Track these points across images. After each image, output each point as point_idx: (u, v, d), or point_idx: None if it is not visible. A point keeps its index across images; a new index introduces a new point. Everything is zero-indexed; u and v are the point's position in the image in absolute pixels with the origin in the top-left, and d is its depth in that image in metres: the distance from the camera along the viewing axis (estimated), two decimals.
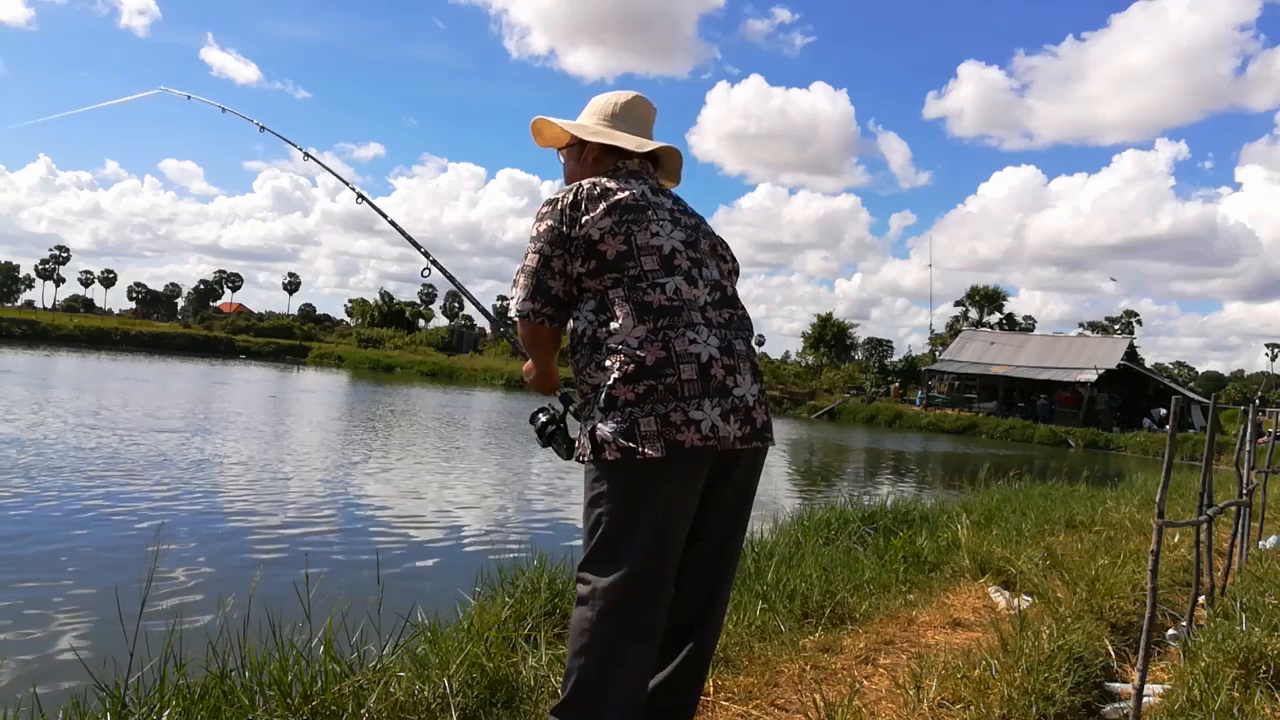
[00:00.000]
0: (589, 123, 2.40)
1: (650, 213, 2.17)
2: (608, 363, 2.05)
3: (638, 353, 2.03)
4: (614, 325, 2.06)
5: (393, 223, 3.32)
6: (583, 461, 2.10)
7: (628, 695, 2.00)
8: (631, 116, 2.40)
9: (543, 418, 2.35)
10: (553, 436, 2.34)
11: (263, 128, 3.74)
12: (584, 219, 2.11)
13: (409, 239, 3.19)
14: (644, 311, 2.06)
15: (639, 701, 2.04)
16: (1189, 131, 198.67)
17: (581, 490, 2.17)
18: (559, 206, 2.16)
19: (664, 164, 2.45)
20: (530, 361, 2.36)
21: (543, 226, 2.16)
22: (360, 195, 3.33)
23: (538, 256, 2.15)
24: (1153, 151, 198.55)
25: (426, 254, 3.10)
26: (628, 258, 2.11)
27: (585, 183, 2.19)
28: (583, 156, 2.37)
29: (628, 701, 2.00)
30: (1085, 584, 4.40)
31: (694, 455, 2.01)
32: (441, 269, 3.10)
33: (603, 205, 2.13)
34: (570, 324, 2.18)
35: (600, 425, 2.03)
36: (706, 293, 2.17)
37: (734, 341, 2.15)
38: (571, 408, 2.37)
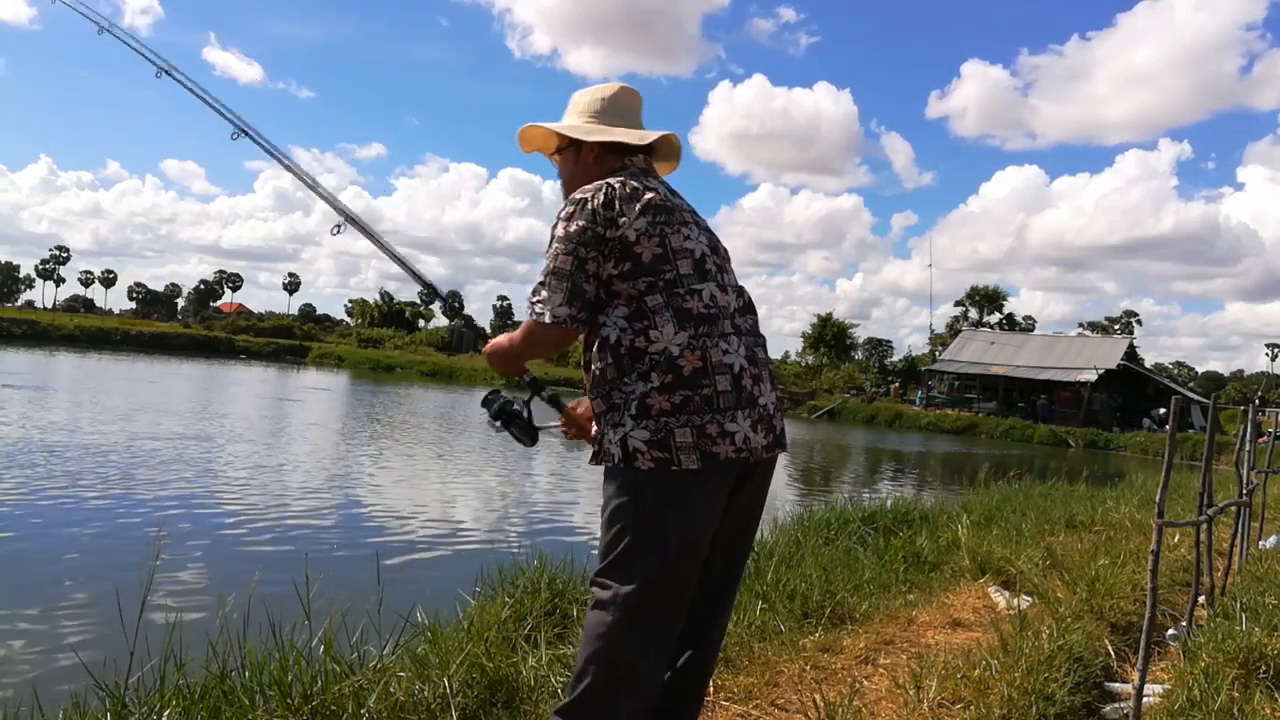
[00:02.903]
0: (578, 122, 2.30)
1: (677, 214, 2.13)
2: (650, 372, 2.00)
3: (678, 362, 1.99)
4: (653, 334, 2.01)
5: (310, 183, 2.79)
6: (607, 466, 2.05)
7: (638, 702, 1.99)
8: (620, 109, 2.31)
9: (498, 404, 2.32)
10: (512, 419, 2.30)
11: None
12: (621, 220, 2.04)
13: (316, 188, 2.81)
14: (684, 319, 2.02)
15: (649, 707, 2.04)
16: (1193, 131, 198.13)
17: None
18: (589, 206, 2.06)
19: (659, 151, 2.35)
20: (506, 345, 2.21)
21: (573, 227, 2.05)
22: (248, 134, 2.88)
23: (571, 259, 2.03)
24: (1155, 151, 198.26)
25: (343, 210, 2.76)
26: (663, 261, 2.05)
27: (614, 181, 2.11)
28: (580, 158, 2.28)
29: (638, 707, 1.99)
30: (1085, 584, 4.40)
31: (726, 467, 2.01)
32: (362, 226, 2.75)
33: (638, 206, 2.06)
34: (600, 332, 2.06)
35: (632, 433, 1.99)
36: (735, 299, 2.15)
37: (756, 349, 2.14)
38: (546, 393, 2.34)
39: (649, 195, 2.09)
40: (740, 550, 2.26)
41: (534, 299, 2.09)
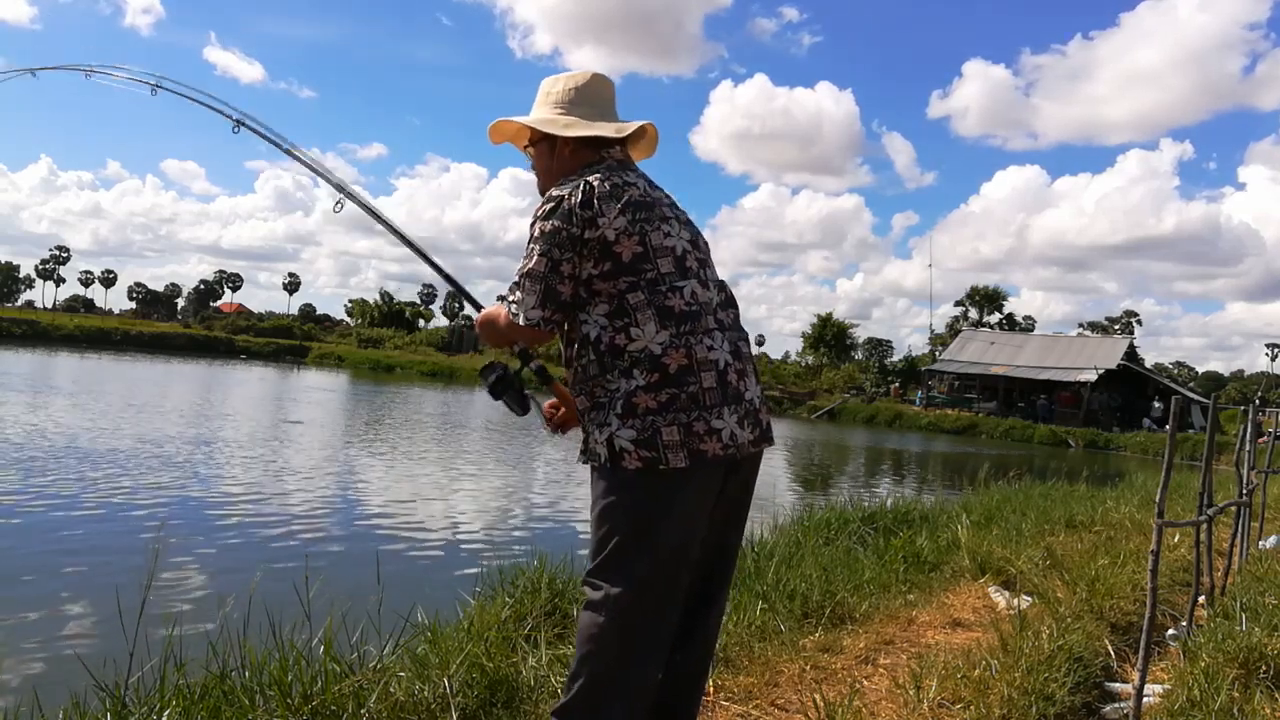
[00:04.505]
0: (548, 113, 2.23)
1: (657, 210, 2.11)
2: (632, 370, 1.99)
3: (661, 360, 1.98)
4: (634, 331, 2.00)
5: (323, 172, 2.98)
6: (594, 466, 2.05)
7: (634, 701, 1.99)
8: (593, 99, 2.24)
9: (494, 375, 2.35)
10: (507, 388, 2.33)
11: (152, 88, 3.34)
12: (600, 220, 2.00)
13: (318, 171, 2.94)
14: (666, 317, 2.01)
15: (645, 706, 2.04)
16: (1194, 131, 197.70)
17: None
18: (566, 206, 2.02)
19: (633, 138, 2.29)
20: (495, 325, 2.20)
21: (549, 227, 2.02)
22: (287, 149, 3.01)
23: (546, 260, 2.01)
24: (1157, 151, 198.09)
25: (340, 186, 2.83)
26: (644, 260, 2.03)
27: (593, 179, 2.07)
28: (556, 152, 2.22)
29: (633, 707, 2.00)
30: (1085, 584, 4.40)
31: (714, 464, 2.01)
32: (361, 201, 2.82)
33: (617, 205, 2.03)
34: (581, 329, 2.06)
35: (619, 432, 1.98)
36: (716, 294, 2.15)
37: (739, 344, 2.14)
38: (532, 365, 2.38)
39: (629, 192, 2.07)
40: (730, 547, 2.26)
41: (510, 297, 2.09)
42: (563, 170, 2.18)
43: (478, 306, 2.48)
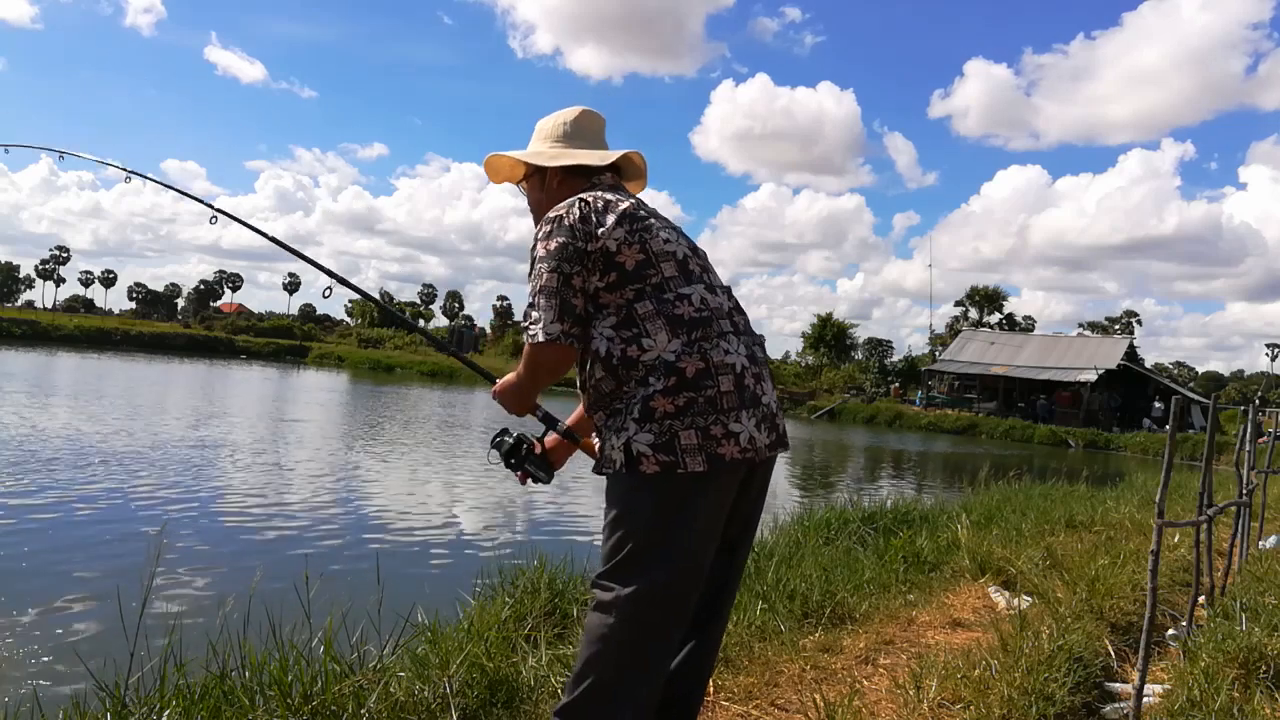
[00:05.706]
0: (542, 148, 2.33)
1: (652, 220, 2.14)
2: (648, 378, 1.99)
3: (676, 365, 1.98)
4: (646, 342, 2.00)
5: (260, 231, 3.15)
6: (607, 473, 2.04)
7: (638, 703, 1.99)
8: (583, 132, 2.34)
9: (509, 440, 2.29)
10: (527, 458, 2.28)
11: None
12: (599, 231, 2.04)
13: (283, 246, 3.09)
14: (676, 325, 2.02)
15: (650, 708, 2.04)
16: (1196, 131, 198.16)
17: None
18: (567, 222, 2.06)
19: (625, 171, 2.37)
20: (514, 380, 2.18)
21: (553, 244, 2.04)
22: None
23: (557, 275, 2.02)
24: (1159, 151, 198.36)
25: (330, 272, 2.88)
26: (647, 266, 2.05)
27: (586, 196, 2.12)
28: (545, 184, 2.30)
29: (638, 709, 1.99)
30: (1085, 584, 4.40)
31: (732, 468, 2.01)
32: (354, 286, 2.96)
33: (612, 217, 2.06)
34: (591, 345, 2.05)
35: (636, 437, 1.97)
36: (725, 299, 2.16)
37: (755, 348, 2.15)
38: (561, 426, 2.29)
39: (623, 205, 2.11)
40: (742, 547, 2.26)
41: (526, 323, 2.08)
42: (552, 201, 2.22)
43: (475, 366, 2.49)
